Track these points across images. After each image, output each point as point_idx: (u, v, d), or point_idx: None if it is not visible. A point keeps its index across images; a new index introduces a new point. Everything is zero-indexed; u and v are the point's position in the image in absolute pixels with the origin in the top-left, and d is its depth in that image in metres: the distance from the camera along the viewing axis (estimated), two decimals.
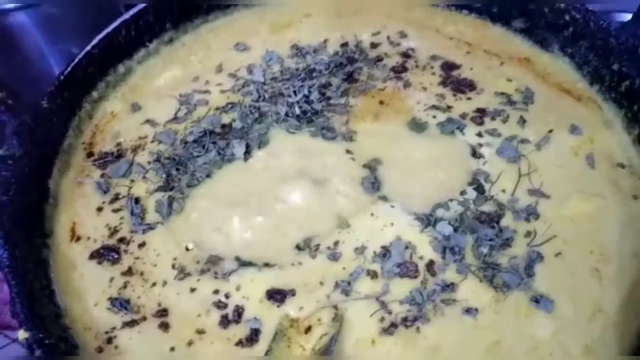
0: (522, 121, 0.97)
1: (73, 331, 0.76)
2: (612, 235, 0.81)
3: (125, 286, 0.81)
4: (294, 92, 1.03)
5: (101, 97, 1.07)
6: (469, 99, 1.02)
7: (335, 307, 0.76)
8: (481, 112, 0.99)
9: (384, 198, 0.87)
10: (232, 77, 1.10)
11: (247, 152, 0.95)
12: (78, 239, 0.87)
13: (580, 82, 1.05)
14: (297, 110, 0.99)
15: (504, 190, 0.88)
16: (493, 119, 0.98)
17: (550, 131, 0.95)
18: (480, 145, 0.94)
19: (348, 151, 0.94)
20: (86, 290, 0.81)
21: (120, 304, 0.79)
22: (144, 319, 0.78)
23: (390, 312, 0.75)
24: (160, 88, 1.11)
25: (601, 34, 1.00)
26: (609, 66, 0.99)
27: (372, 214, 0.85)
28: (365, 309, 0.76)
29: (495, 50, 1.13)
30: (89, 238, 0.87)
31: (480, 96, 1.02)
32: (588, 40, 1.03)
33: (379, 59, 1.11)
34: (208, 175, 0.93)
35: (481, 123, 0.97)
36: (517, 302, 0.76)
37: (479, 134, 0.95)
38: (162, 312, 0.78)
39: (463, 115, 0.98)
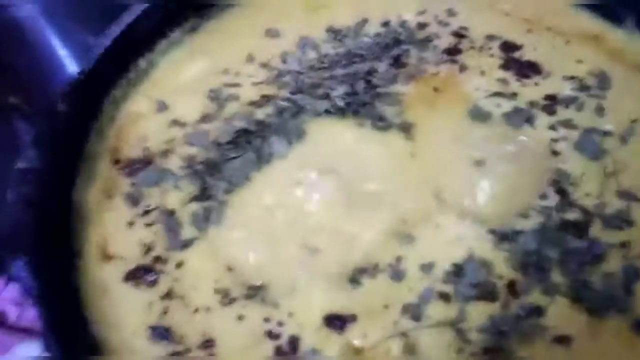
0: (600, 109, 0.85)
1: None
2: None
3: (165, 312, 0.73)
4: (336, 82, 0.92)
5: (123, 96, 0.97)
6: (535, 84, 0.90)
7: (405, 335, 0.67)
8: (552, 100, 0.87)
9: (450, 205, 0.76)
10: (265, 67, 0.99)
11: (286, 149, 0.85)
12: (109, 258, 0.78)
13: None
14: (341, 103, 0.88)
15: (588, 194, 0.76)
16: (566, 107, 0.86)
17: (634, 121, 0.83)
18: (555, 140, 0.82)
19: (404, 146, 0.83)
20: (123, 317, 0.73)
21: (161, 333, 0.70)
22: (189, 350, 0.69)
23: (469, 342, 0.66)
24: (187, 83, 1.00)
25: None
26: None
27: (437, 226, 0.75)
28: (439, 338, 0.66)
29: (559, 28, 1.00)
30: (121, 257, 0.78)
31: (547, 81, 0.90)
32: None
33: (428, 39, 0.99)
34: (247, 179, 0.83)
35: (553, 112, 0.85)
36: (617, 328, 0.66)
37: (552, 127, 0.84)
38: (208, 343, 0.70)
39: (531, 104, 0.86)
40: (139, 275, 0.76)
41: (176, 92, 0.99)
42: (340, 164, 0.83)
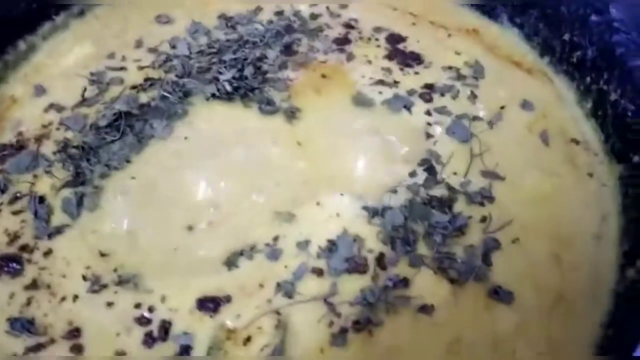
0: (473, 97, 0.91)
1: None
2: (571, 216, 0.77)
3: (29, 303, 0.69)
4: (225, 67, 0.91)
5: None
6: (416, 73, 0.94)
7: (278, 313, 0.67)
8: (429, 88, 0.92)
9: (331, 185, 0.78)
10: (153, 52, 0.97)
11: (168, 131, 0.83)
12: None
13: (530, 54, 1.00)
14: (229, 88, 0.87)
15: (455, 173, 0.81)
16: (442, 95, 0.91)
17: (502, 107, 0.90)
18: (430, 124, 0.86)
19: (289, 129, 0.84)
20: None
21: (22, 325, 0.66)
22: (52, 341, 0.66)
23: (339, 315, 0.67)
24: (70, 67, 0.96)
25: (551, 2, 0.95)
26: (560, 36, 0.95)
27: (318, 203, 0.76)
28: (311, 313, 0.67)
29: (441, 22, 1.05)
30: None
31: (428, 70, 0.95)
32: (538, 10, 0.98)
33: (319, 29, 1.02)
34: (127, 161, 0.80)
35: (430, 100, 0.90)
36: (475, 294, 0.70)
37: (428, 112, 0.88)
38: (74, 332, 0.66)
39: (411, 92, 0.90)
40: (2, 265, 0.71)
41: (57, 76, 0.94)
42: (224, 147, 0.82)
